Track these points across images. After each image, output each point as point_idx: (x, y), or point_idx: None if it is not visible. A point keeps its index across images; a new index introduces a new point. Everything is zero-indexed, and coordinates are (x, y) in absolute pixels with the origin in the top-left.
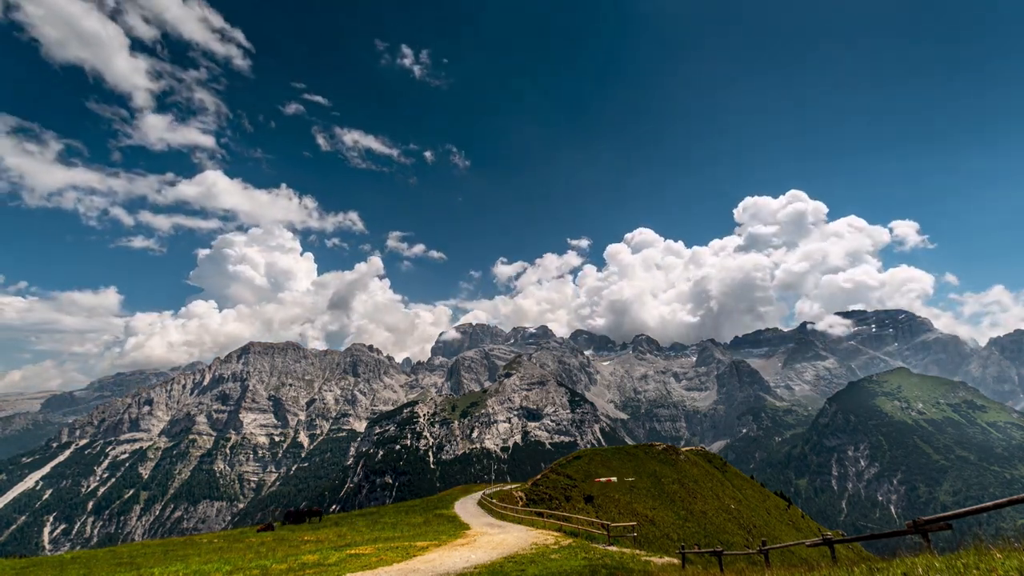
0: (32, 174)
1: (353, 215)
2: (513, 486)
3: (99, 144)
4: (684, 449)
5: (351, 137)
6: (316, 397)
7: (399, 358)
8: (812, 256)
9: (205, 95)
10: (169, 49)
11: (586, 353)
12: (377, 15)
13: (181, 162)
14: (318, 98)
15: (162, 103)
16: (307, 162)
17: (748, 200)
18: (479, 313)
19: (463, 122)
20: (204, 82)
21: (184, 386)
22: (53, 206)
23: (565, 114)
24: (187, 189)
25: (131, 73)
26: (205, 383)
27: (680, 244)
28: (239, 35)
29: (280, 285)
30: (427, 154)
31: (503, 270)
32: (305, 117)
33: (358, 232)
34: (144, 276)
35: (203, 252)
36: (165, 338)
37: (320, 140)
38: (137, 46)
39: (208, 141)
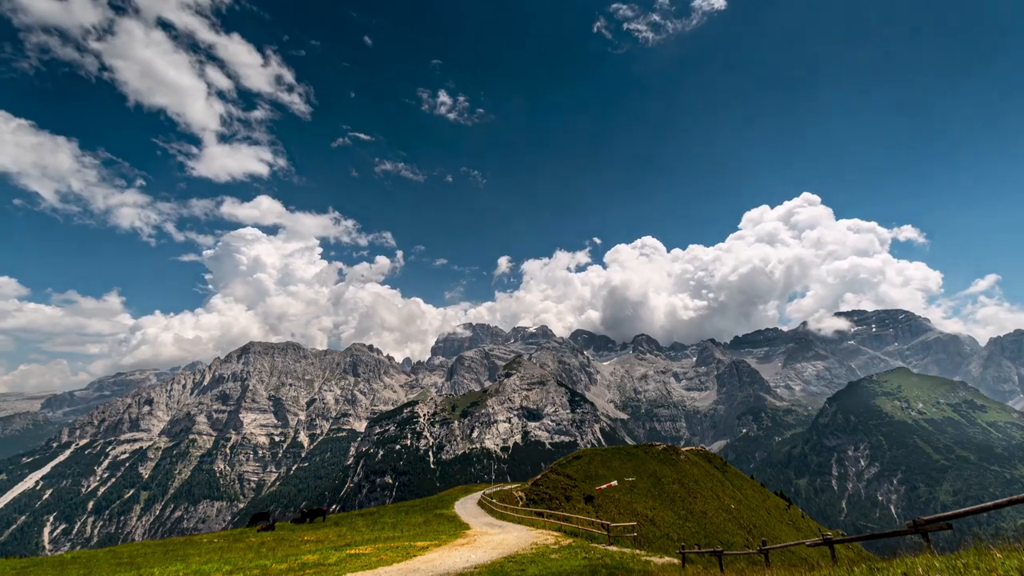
0: (96, 198)
1: (387, 234)
2: (513, 486)
3: (166, 173)
4: (684, 449)
5: (383, 168)
6: (316, 397)
7: (399, 357)
8: (819, 247)
9: (263, 133)
10: (240, 97)
11: (586, 353)
12: (423, 68)
13: (238, 190)
14: (362, 135)
15: (226, 138)
16: (349, 188)
17: (753, 212)
18: (480, 312)
19: (484, 151)
20: (263, 121)
21: (184, 386)
22: (112, 224)
23: (574, 137)
24: (240, 211)
25: (205, 116)
26: (205, 383)
27: (686, 252)
28: (305, 88)
29: (294, 285)
30: (448, 178)
31: (508, 266)
32: (350, 149)
33: (388, 247)
34: (181, 283)
35: (209, 252)
36: (182, 334)
37: (360, 170)
38: (213, 93)
39: (263, 170)
